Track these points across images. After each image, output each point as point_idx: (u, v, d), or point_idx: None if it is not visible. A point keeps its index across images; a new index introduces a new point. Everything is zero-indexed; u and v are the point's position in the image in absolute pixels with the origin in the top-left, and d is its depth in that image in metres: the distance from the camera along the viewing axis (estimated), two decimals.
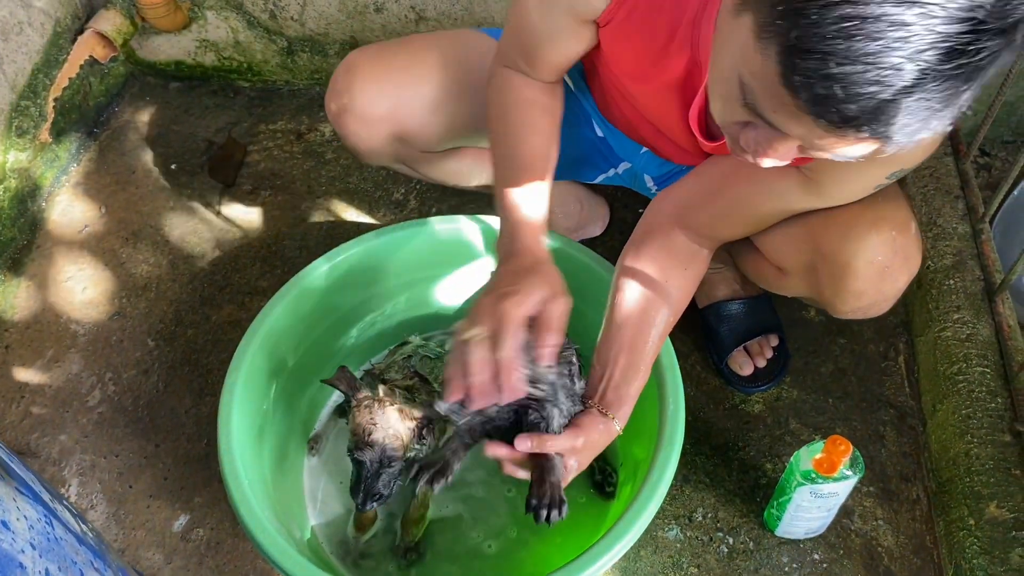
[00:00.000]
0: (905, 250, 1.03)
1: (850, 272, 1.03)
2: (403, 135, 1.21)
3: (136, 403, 1.41)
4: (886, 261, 1.02)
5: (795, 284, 1.17)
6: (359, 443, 1.08)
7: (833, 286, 1.06)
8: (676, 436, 1.07)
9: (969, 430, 1.24)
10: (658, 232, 1.10)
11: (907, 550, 1.23)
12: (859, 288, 1.04)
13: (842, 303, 1.09)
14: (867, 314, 1.11)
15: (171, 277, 1.57)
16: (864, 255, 1.01)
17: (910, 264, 1.04)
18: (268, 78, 1.87)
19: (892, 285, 1.05)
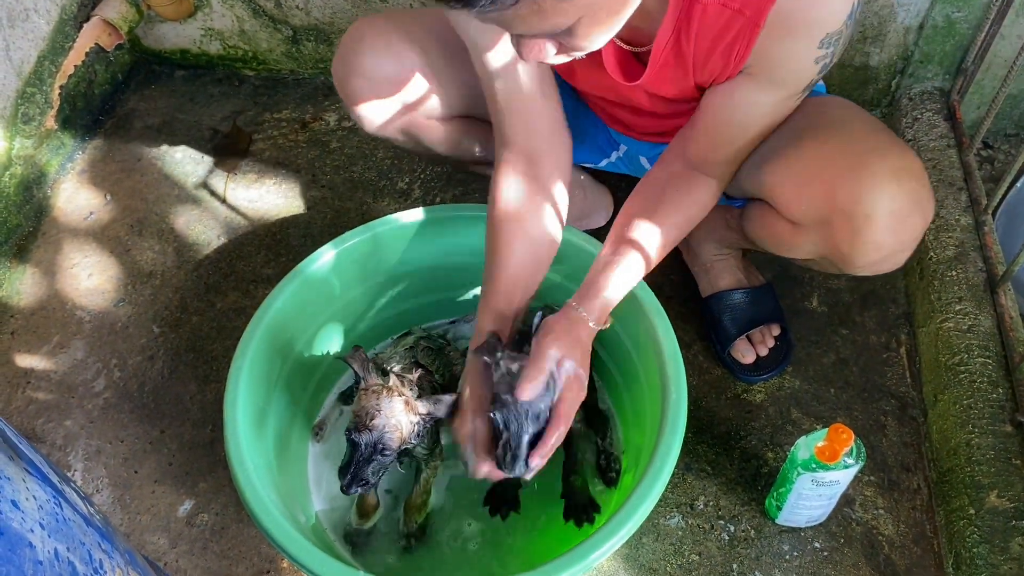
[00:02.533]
0: (922, 199, 1.03)
1: (870, 223, 1.02)
2: (409, 100, 1.22)
3: (141, 389, 1.42)
4: (906, 210, 1.02)
5: (808, 241, 1.14)
6: (359, 425, 1.08)
7: (850, 239, 1.05)
8: (678, 424, 1.07)
9: (970, 420, 1.24)
10: (663, 164, 1.14)
11: (907, 539, 1.24)
12: (879, 239, 1.04)
13: (860, 256, 1.07)
14: (882, 268, 1.11)
15: (176, 264, 1.58)
16: (884, 205, 1.01)
17: (926, 213, 1.04)
18: (273, 67, 1.88)
19: (910, 234, 1.05)
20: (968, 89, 1.58)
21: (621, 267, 1.08)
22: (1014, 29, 1.47)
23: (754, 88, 1.01)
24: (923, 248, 1.44)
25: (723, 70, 1.00)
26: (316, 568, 0.97)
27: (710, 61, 0.99)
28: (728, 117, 1.05)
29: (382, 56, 1.18)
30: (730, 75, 1.00)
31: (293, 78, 1.89)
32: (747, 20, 0.92)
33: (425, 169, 1.71)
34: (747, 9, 0.91)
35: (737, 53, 0.96)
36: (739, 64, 0.98)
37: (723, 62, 0.98)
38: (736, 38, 0.94)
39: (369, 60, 1.18)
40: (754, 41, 0.94)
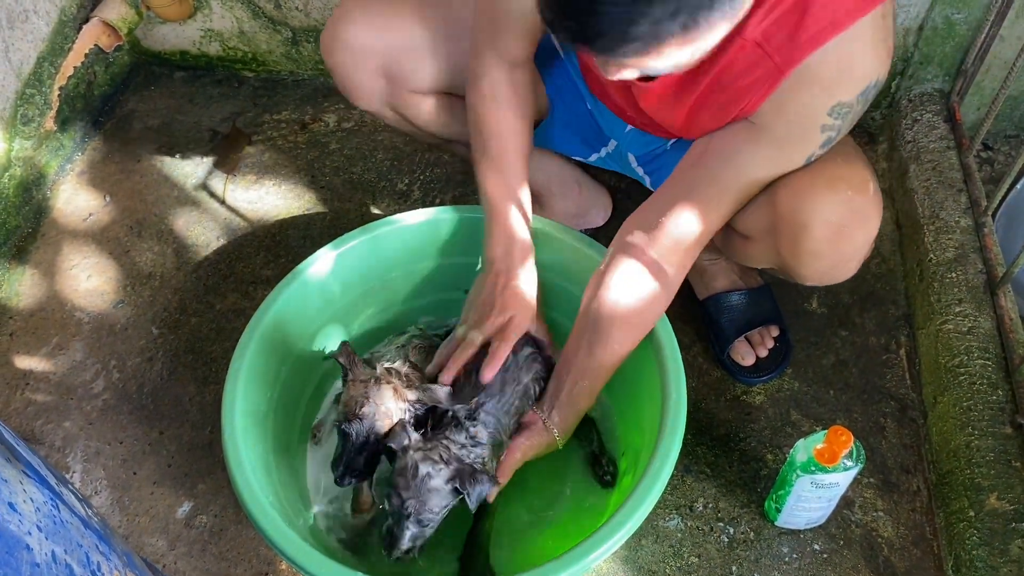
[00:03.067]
0: (863, 210, 1.03)
1: (806, 233, 1.03)
2: (391, 72, 1.23)
3: (140, 391, 1.42)
4: (842, 220, 1.02)
5: (760, 250, 1.16)
6: (348, 415, 1.08)
7: (791, 247, 1.07)
8: (678, 426, 1.07)
9: (970, 422, 1.24)
10: (631, 246, 1.10)
11: (907, 541, 1.24)
12: (816, 248, 1.05)
13: (802, 266, 1.09)
14: (830, 278, 1.12)
15: (175, 266, 1.58)
16: (820, 215, 1.01)
17: (868, 225, 1.04)
18: (272, 68, 1.88)
19: (849, 245, 1.05)
20: (968, 91, 1.58)
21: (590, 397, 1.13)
22: (1014, 30, 1.47)
23: (749, 138, 1.01)
24: (923, 250, 1.44)
25: (727, 109, 1.00)
26: (314, 569, 0.97)
27: (722, 93, 0.99)
28: (718, 172, 1.04)
29: (364, 28, 1.20)
30: (732, 118, 1.00)
31: (292, 79, 1.89)
32: (774, 66, 0.93)
33: (424, 171, 1.71)
34: (778, 56, 0.92)
35: (752, 96, 0.96)
36: (749, 108, 0.98)
37: (734, 99, 0.98)
38: (757, 81, 0.95)
39: (351, 31, 1.20)
40: (774, 88, 0.95)
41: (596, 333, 1.07)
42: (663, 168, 1.28)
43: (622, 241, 1.10)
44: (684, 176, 1.08)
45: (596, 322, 1.08)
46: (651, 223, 1.08)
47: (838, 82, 0.93)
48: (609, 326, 1.07)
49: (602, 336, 1.07)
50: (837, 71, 0.92)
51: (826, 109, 0.95)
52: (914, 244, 1.48)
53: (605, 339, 1.07)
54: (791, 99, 0.95)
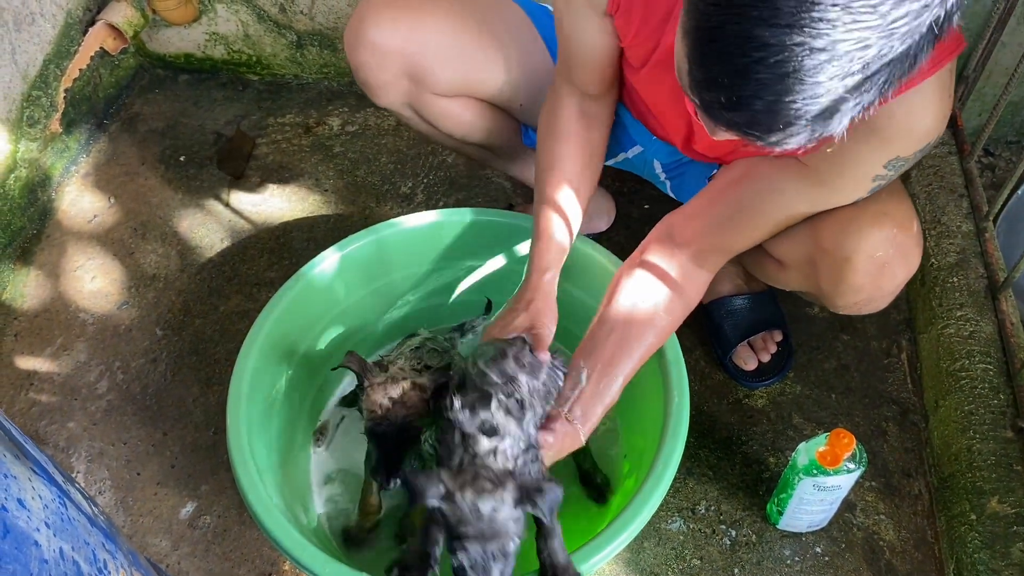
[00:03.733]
0: (905, 247, 1.03)
1: (849, 267, 1.03)
2: (414, 73, 1.23)
3: (144, 392, 1.42)
4: (886, 257, 1.02)
5: (794, 278, 1.17)
6: (376, 419, 1.08)
7: (832, 280, 1.07)
8: (680, 429, 1.08)
9: (971, 426, 1.24)
10: (659, 251, 1.11)
11: (908, 544, 1.24)
12: (857, 283, 1.05)
13: (839, 297, 1.09)
14: (863, 310, 1.12)
15: (179, 267, 1.59)
16: (864, 250, 1.02)
17: (910, 261, 1.05)
18: (277, 72, 1.88)
19: (890, 281, 1.06)
20: (969, 97, 1.58)
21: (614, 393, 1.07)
22: (1015, 37, 1.48)
23: (799, 178, 1.00)
24: (924, 255, 1.44)
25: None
26: (318, 570, 0.97)
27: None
28: (759, 200, 1.04)
29: (390, 28, 1.19)
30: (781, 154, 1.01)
31: (297, 83, 1.89)
32: None
33: (428, 174, 1.71)
34: None
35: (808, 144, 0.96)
36: (805, 152, 0.96)
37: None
38: None
39: (376, 31, 1.19)
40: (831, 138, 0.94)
41: (631, 328, 1.06)
42: (686, 176, 1.29)
43: (657, 244, 1.11)
44: (723, 194, 1.08)
45: (630, 317, 1.06)
46: (687, 232, 1.09)
47: (899, 139, 0.90)
48: (644, 323, 1.06)
49: (637, 331, 1.06)
50: (900, 128, 0.89)
51: (882, 162, 0.93)
52: None
53: (640, 335, 1.06)
54: (847, 149, 0.91)
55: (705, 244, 1.09)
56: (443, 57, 1.21)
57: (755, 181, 1.04)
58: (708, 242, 1.09)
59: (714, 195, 1.10)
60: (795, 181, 1.01)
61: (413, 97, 1.26)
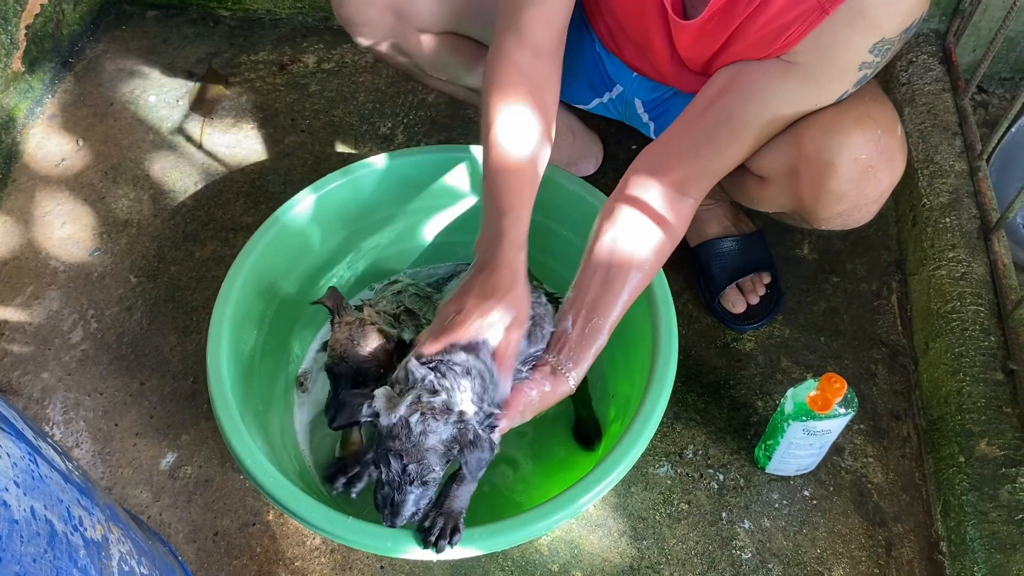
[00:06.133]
0: (889, 151, 1.00)
1: (832, 171, 1.00)
2: (400, 8, 1.17)
3: (120, 340, 1.39)
4: (870, 160, 0.99)
5: (775, 193, 1.13)
6: (335, 357, 1.07)
7: (814, 188, 1.03)
8: (668, 372, 1.06)
9: (961, 368, 1.23)
10: (640, 183, 1.06)
11: (896, 487, 1.24)
12: (841, 189, 1.01)
13: (823, 208, 1.05)
14: (847, 222, 1.08)
15: (152, 212, 1.54)
16: (847, 152, 0.98)
17: (894, 166, 1.02)
18: (249, 7, 1.81)
19: (875, 187, 1.02)
20: (964, 31, 1.54)
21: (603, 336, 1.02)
22: None
23: (783, 75, 0.97)
24: (916, 194, 1.42)
25: (760, 47, 0.96)
26: (304, 514, 0.95)
27: (760, 32, 0.95)
28: (745, 107, 1.00)
29: None
30: (765, 55, 0.96)
31: (270, 18, 1.82)
32: (816, 4, 0.89)
33: (408, 113, 1.66)
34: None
35: (791, 35, 0.92)
36: (785, 47, 0.94)
37: (770, 38, 0.94)
38: (797, 18, 0.91)
39: None
40: (814, 26, 0.90)
41: (613, 268, 1.01)
42: (669, 114, 1.25)
43: (638, 176, 1.06)
44: (704, 112, 1.03)
45: (612, 257, 1.02)
46: (669, 158, 1.05)
47: (884, 18, 0.88)
48: (628, 263, 1.01)
49: (620, 272, 1.01)
50: (884, 6, 0.87)
51: (868, 46, 0.90)
52: (907, 189, 1.46)
53: (624, 275, 1.01)
54: (832, 36, 0.90)
55: (688, 169, 1.05)
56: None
57: (737, 90, 1.01)
58: (691, 166, 1.05)
59: (694, 116, 1.05)
60: (779, 82, 0.98)
61: (397, 34, 1.20)
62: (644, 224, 1.04)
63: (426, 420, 0.86)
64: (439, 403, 0.87)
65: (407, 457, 0.86)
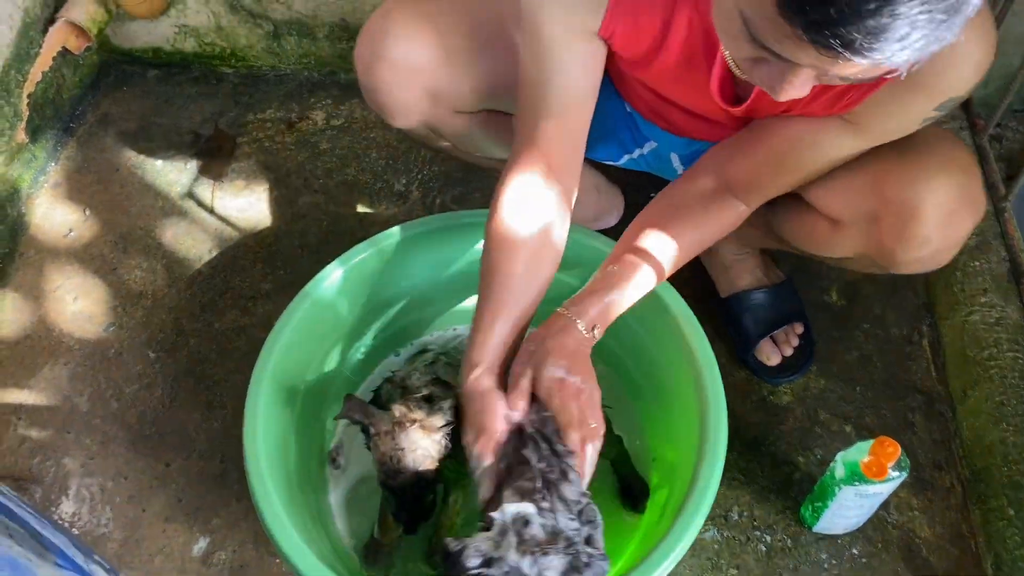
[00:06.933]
0: (972, 193, 0.99)
1: (918, 217, 0.98)
2: (437, 90, 1.13)
3: (141, 420, 1.35)
4: (954, 204, 0.98)
5: (849, 238, 1.10)
6: (390, 472, 1.04)
7: (896, 234, 1.01)
8: (720, 446, 1.04)
9: (1004, 417, 1.22)
10: (692, 177, 1.08)
11: (944, 540, 1.23)
12: (925, 234, 1.00)
13: (905, 252, 1.03)
14: (927, 265, 1.06)
15: (167, 283, 1.50)
16: (933, 198, 0.97)
17: (977, 208, 1.01)
18: (253, 63, 1.78)
19: (958, 231, 1.01)
20: None
21: (626, 277, 1.03)
22: None
23: (841, 131, 0.95)
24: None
25: (819, 111, 0.95)
26: None
27: (813, 104, 0.93)
28: (796, 149, 1.00)
29: (412, 42, 1.08)
30: (830, 110, 0.95)
31: (275, 74, 1.79)
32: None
33: (423, 169, 1.64)
34: None
35: (847, 101, 0.91)
36: (843, 110, 0.92)
37: (826, 107, 0.93)
38: (851, 87, 0.89)
39: (397, 46, 1.08)
40: (871, 93, 0.89)
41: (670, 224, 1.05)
42: None
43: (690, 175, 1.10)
44: (754, 140, 1.03)
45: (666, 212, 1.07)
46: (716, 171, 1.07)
47: (951, 80, 0.86)
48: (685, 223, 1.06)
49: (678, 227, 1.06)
50: (949, 73, 0.85)
51: (933, 105, 0.89)
52: None
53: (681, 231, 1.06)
54: (892, 99, 0.88)
55: (740, 180, 1.06)
56: (467, 69, 1.11)
57: (789, 138, 1.01)
58: (745, 179, 1.06)
59: (748, 138, 1.05)
60: (836, 136, 0.97)
61: (433, 116, 1.17)
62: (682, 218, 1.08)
63: (537, 559, 0.82)
64: (542, 532, 0.83)
65: None
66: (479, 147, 1.26)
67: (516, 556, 0.82)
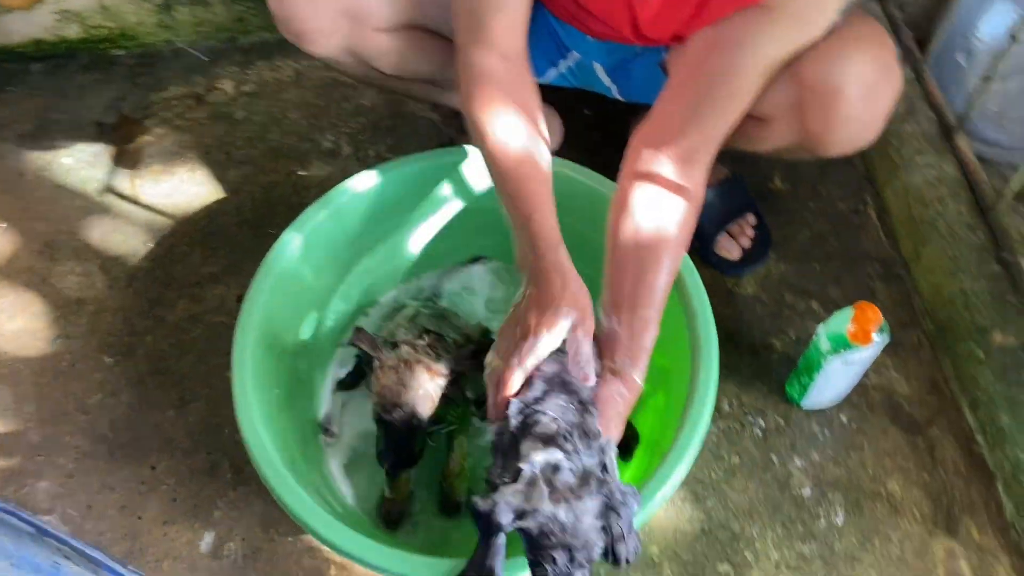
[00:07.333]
0: (887, 65, 1.02)
1: (840, 97, 1.01)
2: (354, 7, 1.11)
3: (114, 428, 1.29)
4: (873, 78, 1.01)
5: (778, 131, 1.13)
6: (387, 405, 1.02)
7: (822, 118, 1.04)
8: (711, 342, 1.07)
9: (958, 268, 1.29)
10: (644, 166, 1.03)
11: (922, 392, 1.29)
12: (850, 112, 1.03)
13: (832, 133, 1.06)
14: (856, 143, 1.09)
15: (107, 284, 1.42)
16: (852, 76, 1.00)
17: (894, 80, 1.04)
18: (146, 41, 1.68)
19: (880, 104, 1.04)
20: None
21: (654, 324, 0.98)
22: None
23: (768, 20, 0.96)
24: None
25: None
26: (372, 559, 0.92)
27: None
28: (733, 62, 0.99)
29: None
30: (737, 7, 0.95)
31: (171, 49, 1.69)
32: None
33: (348, 122, 1.59)
34: None
35: None
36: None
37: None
38: None
39: None
40: None
41: (644, 258, 0.98)
42: (633, 72, 1.23)
43: (641, 157, 1.03)
44: (693, 76, 1.02)
45: (639, 246, 0.99)
46: (668, 132, 1.02)
47: None
48: (657, 247, 0.98)
49: (653, 259, 0.98)
50: None
51: None
52: None
53: (657, 261, 0.98)
54: None
55: (691, 139, 1.02)
56: None
57: (724, 46, 1.00)
58: (694, 135, 1.02)
59: (682, 82, 1.04)
60: (766, 27, 0.97)
61: (353, 39, 1.13)
62: (662, 206, 1.01)
63: (572, 505, 0.80)
64: (573, 477, 0.81)
65: (574, 547, 0.79)
66: (407, 67, 1.22)
67: (550, 506, 0.80)
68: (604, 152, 1.19)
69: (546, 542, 0.79)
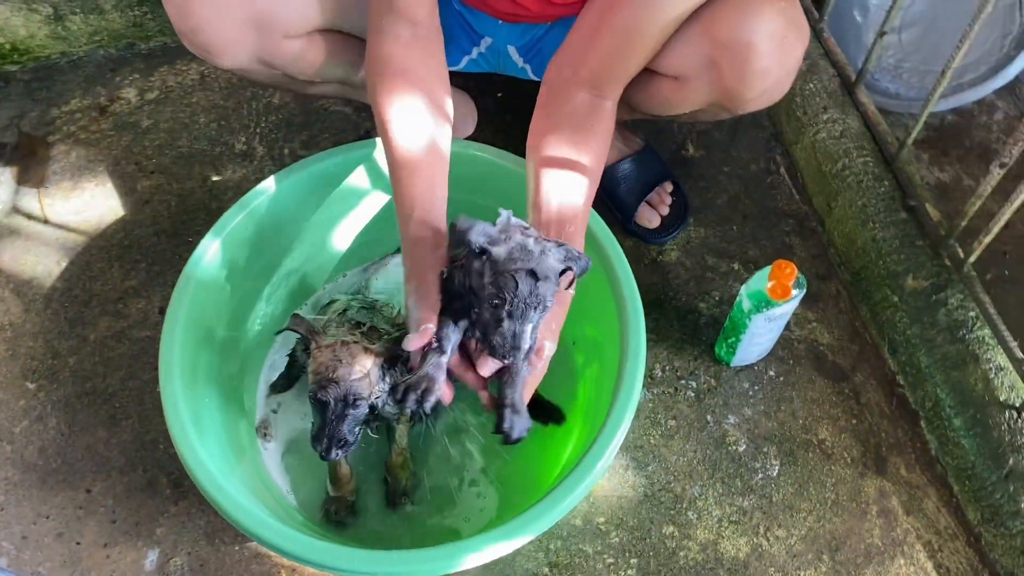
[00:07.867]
0: (795, 17, 1.06)
1: (752, 50, 1.04)
2: (260, 16, 1.08)
3: (44, 455, 1.26)
4: (783, 31, 1.04)
5: (695, 91, 1.14)
6: (323, 382, 1.01)
7: (737, 72, 1.07)
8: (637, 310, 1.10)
9: (868, 218, 1.33)
10: (558, 98, 1.07)
11: (844, 340, 1.34)
12: (763, 65, 1.05)
13: (748, 88, 1.09)
14: (772, 97, 1.12)
15: (22, 308, 1.38)
16: (763, 29, 1.02)
17: (802, 31, 1.07)
18: (40, 54, 1.62)
19: (791, 55, 1.08)
20: None
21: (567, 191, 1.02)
22: None
23: None
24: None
25: None
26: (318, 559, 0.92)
27: None
28: (639, 15, 1.01)
29: None
30: None
31: (68, 61, 1.64)
32: None
33: (259, 121, 1.56)
34: None
35: None
36: None
37: None
38: None
39: None
40: None
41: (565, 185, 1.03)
42: (544, 53, 1.24)
43: (553, 91, 1.07)
44: (599, 26, 1.04)
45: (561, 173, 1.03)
46: (580, 69, 1.06)
47: None
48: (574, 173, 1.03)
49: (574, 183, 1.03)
50: None
51: None
52: None
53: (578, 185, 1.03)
54: None
55: (601, 75, 1.07)
56: None
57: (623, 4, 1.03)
58: (603, 73, 1.07)
59: (591, 29, 1.06)
60: None
61: (263, 48, 1.11)
62: (576, 139, 1.05)
63: (541, 242, 0.84)
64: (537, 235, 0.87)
65: (536, 271, 0.83)
66: (319, 71, 1.21)
67: (521, 237, 0.85)
68: (515, 132, 1.19)
69: (511, 266, 0.83)
